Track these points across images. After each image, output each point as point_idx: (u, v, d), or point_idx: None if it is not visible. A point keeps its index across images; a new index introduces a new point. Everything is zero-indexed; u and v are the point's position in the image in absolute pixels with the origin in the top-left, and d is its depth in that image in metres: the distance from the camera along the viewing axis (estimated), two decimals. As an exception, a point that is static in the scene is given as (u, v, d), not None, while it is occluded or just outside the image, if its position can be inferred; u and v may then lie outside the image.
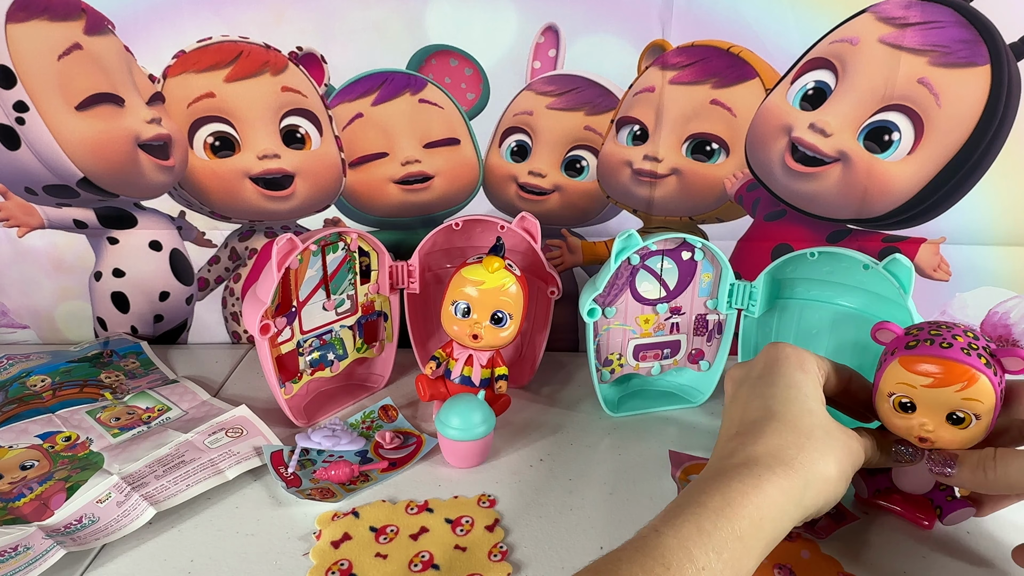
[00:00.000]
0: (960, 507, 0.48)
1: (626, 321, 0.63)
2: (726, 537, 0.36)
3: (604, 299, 0.61)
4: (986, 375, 0.42)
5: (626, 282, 0.61)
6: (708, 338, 0.65)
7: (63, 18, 0.64)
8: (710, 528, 0.36)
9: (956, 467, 0.44)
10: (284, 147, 0.69)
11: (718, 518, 0.36)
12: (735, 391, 0.48)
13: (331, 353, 0.66)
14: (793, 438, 0.41)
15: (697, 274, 0.62)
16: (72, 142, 0.68)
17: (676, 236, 0.60)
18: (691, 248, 0.61)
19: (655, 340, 0.64)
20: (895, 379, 0.45)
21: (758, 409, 0.44)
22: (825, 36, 0.63)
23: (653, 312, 0.63)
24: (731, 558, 0.36)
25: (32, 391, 0.67)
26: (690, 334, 0.65)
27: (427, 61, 0.66)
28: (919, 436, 0.45)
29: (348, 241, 0.64)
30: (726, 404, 0.49)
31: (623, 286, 0.61)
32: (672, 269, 0.62)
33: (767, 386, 0.46)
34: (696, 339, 0.65)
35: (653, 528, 0.37)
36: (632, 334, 0.64)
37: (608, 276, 0.58)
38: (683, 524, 0.36)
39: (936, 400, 0.44)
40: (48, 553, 0.46)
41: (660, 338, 0.65)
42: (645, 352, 0.65)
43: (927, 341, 0.44)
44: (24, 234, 0.74)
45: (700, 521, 0.36)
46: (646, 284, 0.62)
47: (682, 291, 0.63)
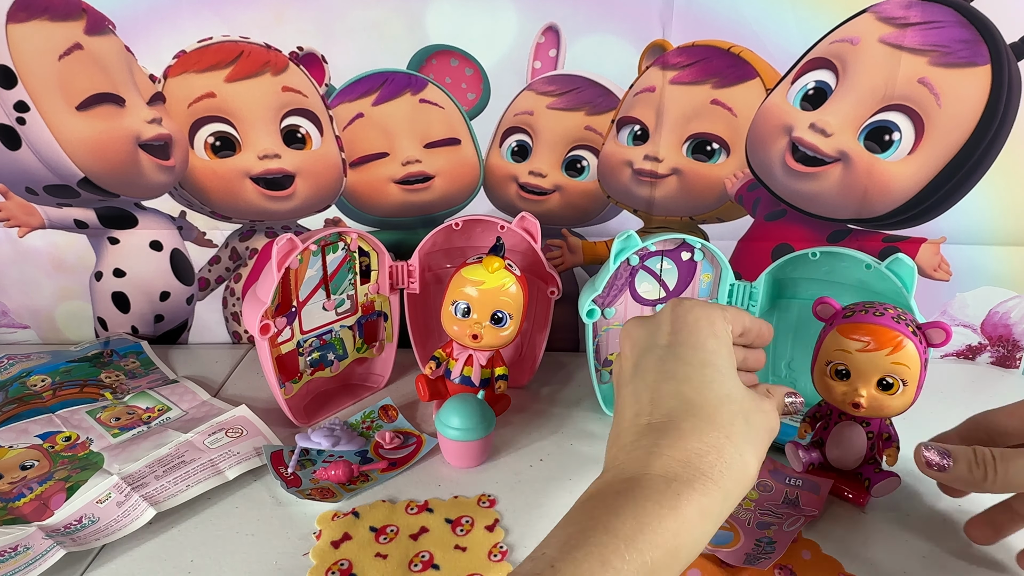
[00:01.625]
0: (885, 477, 0.52)
1: (624, 320, 0.62)
2: (635, 571, 0.31)
3: (603, 300, 0.60)
4: (912, 341, 0.47)
5: (625, 283, 0.61)
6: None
7: (64, 18, 0.64)
8: (618, 563, 0.30)
9: (952, 461, 0.43)
10: (284, 147, 0.69)
11: (628, 549, 0.31)
12: (638, 359, 0.41)
13: (331, 353, 0.66)
14: (714, 438, 0.36)
15: (697, 275, 0.62)
16: (72, 142, 0.68)
17: (675, 237, 0.60)
18: (691, 249, 0.61)
19: None
20: (833, 347, 0.50)
21: (671, 395, 0.38)
22: (825, 36, 0.63)
23: (653, 312, 0.62)
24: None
25: (32, 391, 0.67)
26: None
27: (427, 61, 0.66)
28: (852, 402, 0.49)
29: (348, 241, 0.64)
30: (626, 372, 0.42)
31: (622, 287, 0.61)
32: (672, 270, 0.62)
33: (679, 363, 0.39)
34: None
35: (549, 564, 0.31)
36: None
37: (607, 277, 0.58)
38: (585, 558, 0.30)
39: (868, 365, 0.48)
40: (48, 553, 0.46)
41: None
42: None
43: (862, 311, 0.49)
44: (24, 234, 0.74)
45: (606, 554, 0.31)
46: (646, 285, 0.62)
47: (682, 291, 0.63)
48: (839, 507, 0.53)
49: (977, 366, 0.75)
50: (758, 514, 0.51)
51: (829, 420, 0.54)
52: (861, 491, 0.53)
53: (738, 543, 0.48)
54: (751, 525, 0.50)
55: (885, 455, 0.52)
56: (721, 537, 0.49)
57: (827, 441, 0.54)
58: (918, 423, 0.55)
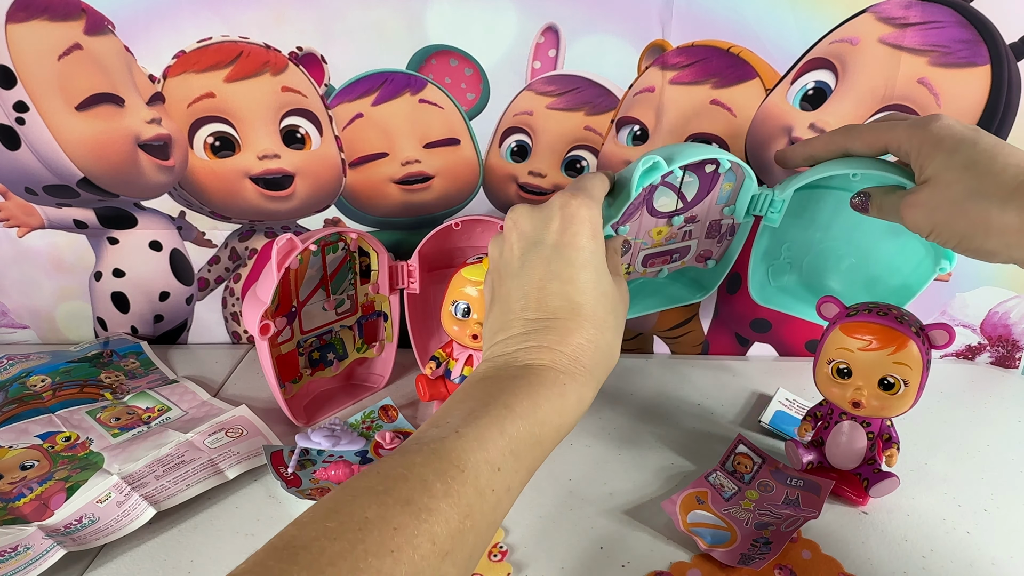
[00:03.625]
0: (884, 478, 0.52)
1: (639, 235, 0.57)
2: (528, 442, 0.36)
3: (619, 221, 0.54)
4: (915, 342, 0.48)
5: (643, 201, 0.55)
6: (719, 240, 0.61)
7: (63, 18, 0.64)
8: (513, 432, 0.35)
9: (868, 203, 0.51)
10: (284, 147, 0.69)
11: (523, 422, 0.36)
12: (525, 252, 0.43)
13: (331, 353, 0.66)
14: (592, 334, 0.41)
15: (718, 185, 0.56)
16: (72, 142, 0.68)
17: (703, 155, 0.53)
18: (716, 161, 0.54)
19: (665, 248, 0.60)
20: (835, 345, 0.51)
21: (558, 295, 0.41)
22: (825, 36, 0.63)
23: (667, 224, 0.57)
24: (528, 462, 0.36)
25: (32, 391, 0.67)
26: (701, 238, 0.60)
27: (427, 61, 0.66)
28: (853, 401, 0.50)
29: (348, 241, 0.64)
30: (513, 264, 0.44)
31: (639, 205, 0.55)
32: (693, 182, 0.55)
33: (564, 263, 0.42)
34: (706, 241, 0.61)
35: (454, 429, 0.34)
36: (644, 246, 0.58)
37: (626, 205, 0.50)
38: (487, 427, 0.35)
39: (870, 364, 0.49)
40: (48, 553, 0.46)
41: (671, 246, 0.60)
42: (654, 259, 0.60)
43: (865, 311, 0.50)
44: (24, 234, 0.74)
45: (504, 424, 0.35)
46: (663, 199, 0.56)
47: (700, 201, 0.57)
48: (839, 507, 0.53)
49: (977, 366, 0.75)
50: (757, 514, 0.51)
51: (829, 420, 0.54)
52: (861, 491, 0.53)
53: (735, 543, 0.48)
54: (749, 525, 0.50)
55: (885, 456, 0.52)
56: (718, 537, 0.49)
57: (827, 441, 0.54)
58: (919, 424, 0.55)
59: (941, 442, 0.61)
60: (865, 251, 0.60)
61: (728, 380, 0.71)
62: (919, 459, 0.58)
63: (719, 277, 0.62)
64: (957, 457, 0.59)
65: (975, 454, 0.60)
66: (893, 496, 0.53)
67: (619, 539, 0.50)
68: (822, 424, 0.55)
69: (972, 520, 0.52)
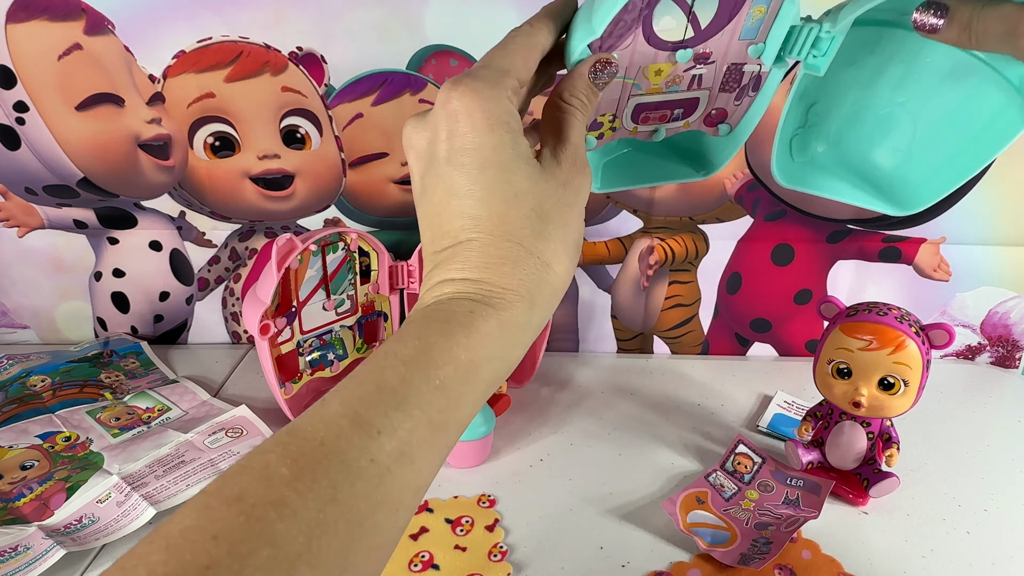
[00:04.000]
0: (884, 478, 0.52)
1: (629, 72, 0.40)
2: (421, 391, 0.28)
3: (603, 43, 0.39)
4: (915, 342, 0.48)
5: (638, 17, 0.39)
6: (738, 96, 0.43)
7: (63, 18, 0.64)
8: (395, 383, 0.28)
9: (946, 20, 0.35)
10: (284, 147, 0.69)
11: (408, 369, 0.29)
12: (423, 175, 0.37)
13: (331, 353, 0.66)
14: (504, 248, 0.33)
15: (746, 7, 0.39)
16: (72, 142, 0.68)
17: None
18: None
19: (665, 97, 0.42)
20: (835, 345, 0.51)
21: (456, 215, 0.34)
22: (825, 36, 0.62)
23: (670, 60, 0.40)
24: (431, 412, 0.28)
25: (32, 391, 0.67)
26: (714, 89, 0.42)
27: (427, 61, 0.66)
28: (853, 400, 0.50)
29: (348, 241, 0.64)
30: (416, 190, 0.38)
31: (632, 22, 0.39)
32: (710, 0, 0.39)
33: (459, 173, 0.34)
34: (722, 96, 0.43)
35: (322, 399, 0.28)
36: (636, 89, 0.42)
37: (615, 10, 0.37)
38: (358, 385, 0.28)
39: (870, 364, 0.49)
40: (48, 553, 0.46)
41: (673, 95, 0.42)
42: (649, 113, 0.43)
43: (865, 310, 0.50)
44: (24, 234, 0.74)
45: (384, 375, 0.29)
46: (667, 20, 0.40)
47: (717, 31, 0.40)
48: (839, 507, 0.53)
49: (977, 366, 0.75)
50: (757, 514, 0.51)
51: (829, 420, 0.54)
52: (861, 491, 0.53)
53: (735, 543, 0.48)
54: (749, 525, 0.50)
55: (885, 456, 0.52)
56: (718, 537, 0.49)
57: (827, 441, 0.54)
58: (919, 424, 0.55)
59: (941, 442, 0.61)
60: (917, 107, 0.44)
61: (728, 380, 0.71)
62: (919, 459, 0.58)
63: (730, 151, 0.45)
64: (957, 457, 0.59)
65: (975, 454, 0.60)
66: (893, 496, 0.53)
67: (619, 539, 0.50)
68: (822, 424, 0.55)
69: (972, 520, 0.52)
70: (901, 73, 0.44)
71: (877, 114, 0.46)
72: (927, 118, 0.44)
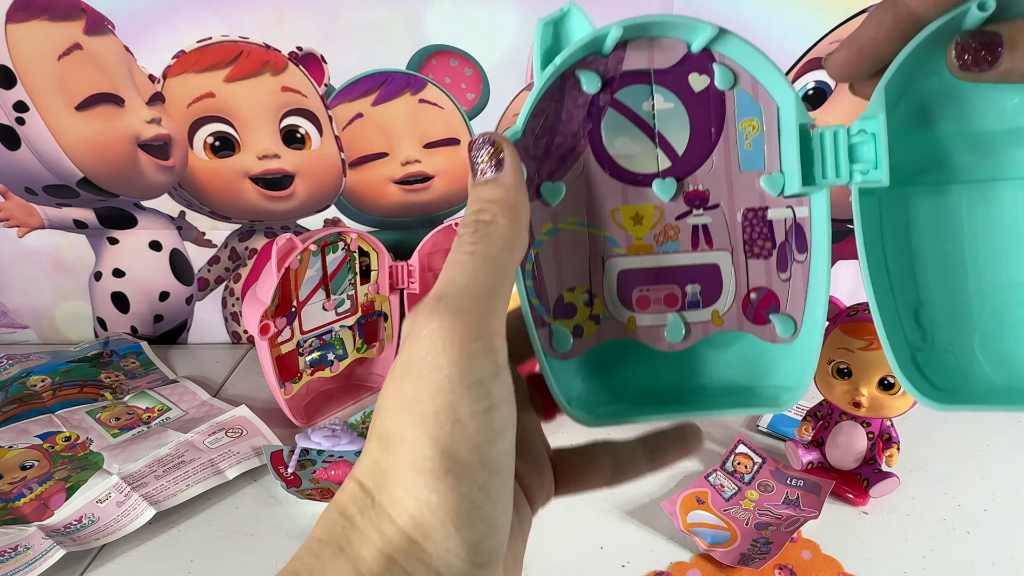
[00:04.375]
0: (884, 478, 0.52)
1: (592, 218, 0.28)
2: None
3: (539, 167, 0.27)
4: None
5: (580, 132, 0.28)
6: (781, 263, 0.29)
7: (63, 18, 0.64)
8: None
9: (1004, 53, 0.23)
10: (284, 147, 0.69)
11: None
12: None
13: (331, 353, 0.66)
14: None
15: (729, 123, 0.28)
16: (72, 142, 0.68)
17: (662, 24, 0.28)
18: (706, 64, 0.28)
19: (661, 261, 0.28)
20: (835, 345, 0.50)
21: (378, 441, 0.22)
22: (825, 36, 0.63)
23: (649, 201, 0.28)
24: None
25: (32, 391, 0.67)
26: (737, 251, 0.29)
27: (427, 61, 0.66)
28: (853, 401, 0.50)
29: (348, 241, 0.64)
30: None
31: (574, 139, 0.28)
32: (674, 111, 0.28)
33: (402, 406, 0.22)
34: (755, 266, 0.29)
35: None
36: (612, 245, 0.28)
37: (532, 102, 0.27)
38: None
39: (870, 363, 0.49)
40: (48, 553, 0.46)
41: (672, 257, 0.29)
42: (645, 289, 0.29)
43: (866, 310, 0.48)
44: (24, 234, 0.74)
45: None
46: (624, 140, 0.28)
47: (703, 159, 0.28)
48: (839, 507, 0.53)
49: (977, 366, 0.75)
50: (757, 514, 0.51)
51: (829, 420, 0.54)
52: (861, 491, 0.53)
53: (735, 543, 0.48)
54: (749, 525, 0.50)
55: (885, 456, 0.52)
56: (718, 537, 0.49)
57: (827, 441, 0.54)
58: (919, 424, 0.55)
59: (941, 442, 0.61)
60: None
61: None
62: (919, 459, 0.58)
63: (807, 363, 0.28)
64: (957, 457, 0.59)
65: (975, 454, 0.59)
66: (893, 496, 0.53)
67: (619, 539, 0.50)
68: (822, 424, 0.55)
69: (972, 520, 0.52)
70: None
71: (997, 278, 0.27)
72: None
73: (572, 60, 0.27)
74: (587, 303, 0.29)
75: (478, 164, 0.24)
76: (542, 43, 0.27)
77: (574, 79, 0.27)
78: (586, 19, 0.27)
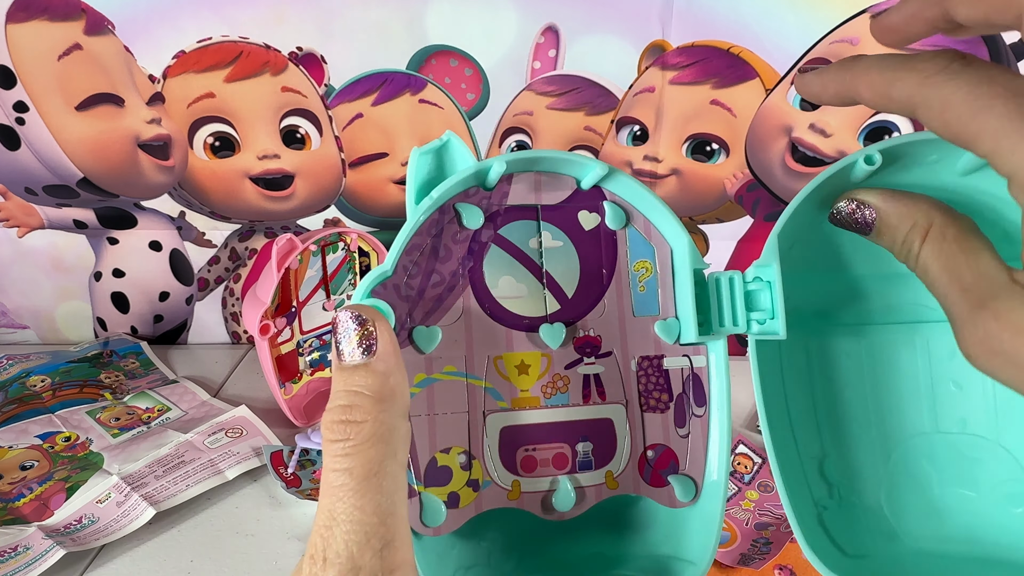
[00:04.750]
0: None
1: (472, 367, 0.25)
2: None
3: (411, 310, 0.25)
4: None
5: (462, 273, 0.25)
6: (679, 416, 0.26)
7: (63, 18, 0.64)
8: None
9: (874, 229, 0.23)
10: (284, 147, 0.69)
11: None
12: None
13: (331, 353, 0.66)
14: None
15: (621, 265, 0.27)
16: (72, 142, 0.68)
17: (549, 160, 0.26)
18: (596, 201, 0.26)
19: (549, 416, 0.26)
20: None
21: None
22: (825, 36, 0.63)
23: (536, 347, 0.26)
24: None
25: (32, 391, 0.67)
26: (632, 404, 0.26)
27: (427, 61, 0.66)
28: None
29: (348, 241, 0.64)
30: None
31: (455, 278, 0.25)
32: (563, 250, 0.26)
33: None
34: (651, 419, 0.26)
35: None
36: (494, 398, 0.25)
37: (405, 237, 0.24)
38: None
39: None
40: (48, 553, 0.46)
41: (561, 412, 0.26)
42: (532, 449, 0.26)
43: None
44: (24, 234, 0.74)
45: None
46: (508, 279, 0.26)
47: (596, 298, 0.26)
48: (838, 507, 0.53)
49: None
50: (757, 514, 0.51)
51: None
52: None
53: (734, 543, 0.48)
54: (749, 525, 0.50)
55: None
56: (720, 537, 0.49)
57: None
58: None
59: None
60: None
61: (728, 380, 0.71)
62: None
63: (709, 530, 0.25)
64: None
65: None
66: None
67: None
68: None
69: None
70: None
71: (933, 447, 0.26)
72: None
73: (452, 193, 0.25)
74: (464, 466, 0.25)
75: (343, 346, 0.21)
76: (418, 174, 0.25)
77: (453, 213, 0.25)
78: (466, 150, 0.25)
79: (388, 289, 0.24)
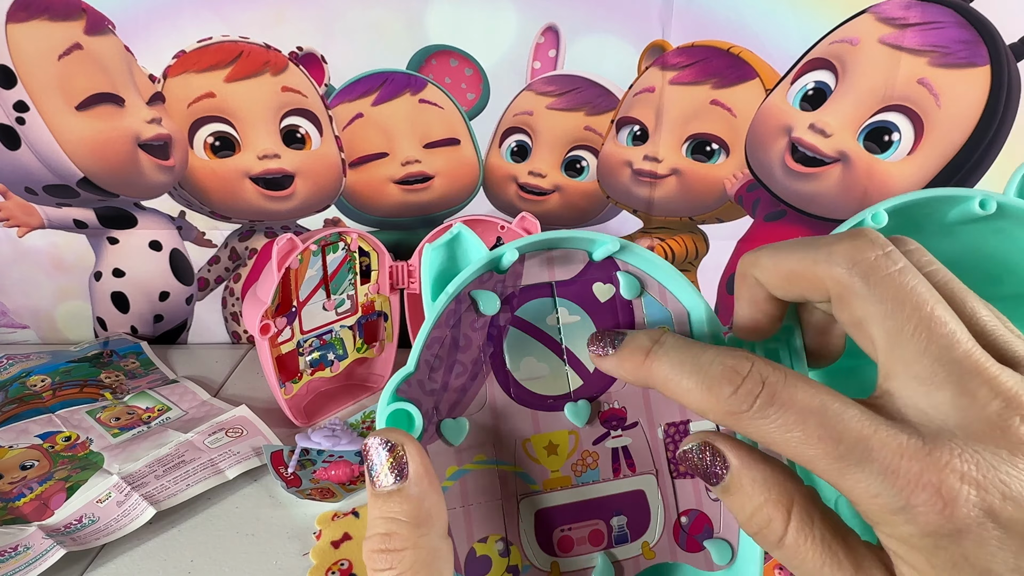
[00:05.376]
0: None
1: (501, 454, 0.26)
2: None
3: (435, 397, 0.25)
4: None
5: (483, 360, 0.25)
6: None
7: (63, 18, 0.64)
8: None
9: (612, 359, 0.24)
10: (284, 147, 0.69)
11: None
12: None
13: (331, 353, 0.66)
14: None
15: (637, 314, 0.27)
16: (72, 142, 0.68)
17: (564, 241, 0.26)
18: (610, 272, 0.27)
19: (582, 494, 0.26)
20: None
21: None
22: (825, 36, 0.63)
23: (564, 427, 0.26)
24: None
25: (32, 391, 0.67)
26: (663, 470, 0.27)
27: (427, 61, 0.66)
28: None
29: (348, 241, 0.64)
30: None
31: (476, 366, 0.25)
32: (581, 324, 0.26)
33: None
34: (681, 485, 0.27)
35: None
36: (526, 482, 0.26)
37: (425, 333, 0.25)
38: None
39: None
40: (48, 553, 0.46)
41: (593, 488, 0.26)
42: (567, 528, 0.26)
43: None
44: (24, 234, 0.74)
45: None
46: (530, 360, 0.26)
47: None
48: (838, 507, 0.53)
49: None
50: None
51: None
52: None
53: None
54: None
55: None
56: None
57: None
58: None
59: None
60: None
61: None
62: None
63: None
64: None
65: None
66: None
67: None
68: None
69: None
70: None
71: None
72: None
73: (466, 283, 0.25)
74: (503, 553, 0.24)
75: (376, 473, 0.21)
76: (431, 267, 0.25)
77: (470, 301, 0.25)
78: (477, 239, 0.25)
79: (413, 386, 0.24)
